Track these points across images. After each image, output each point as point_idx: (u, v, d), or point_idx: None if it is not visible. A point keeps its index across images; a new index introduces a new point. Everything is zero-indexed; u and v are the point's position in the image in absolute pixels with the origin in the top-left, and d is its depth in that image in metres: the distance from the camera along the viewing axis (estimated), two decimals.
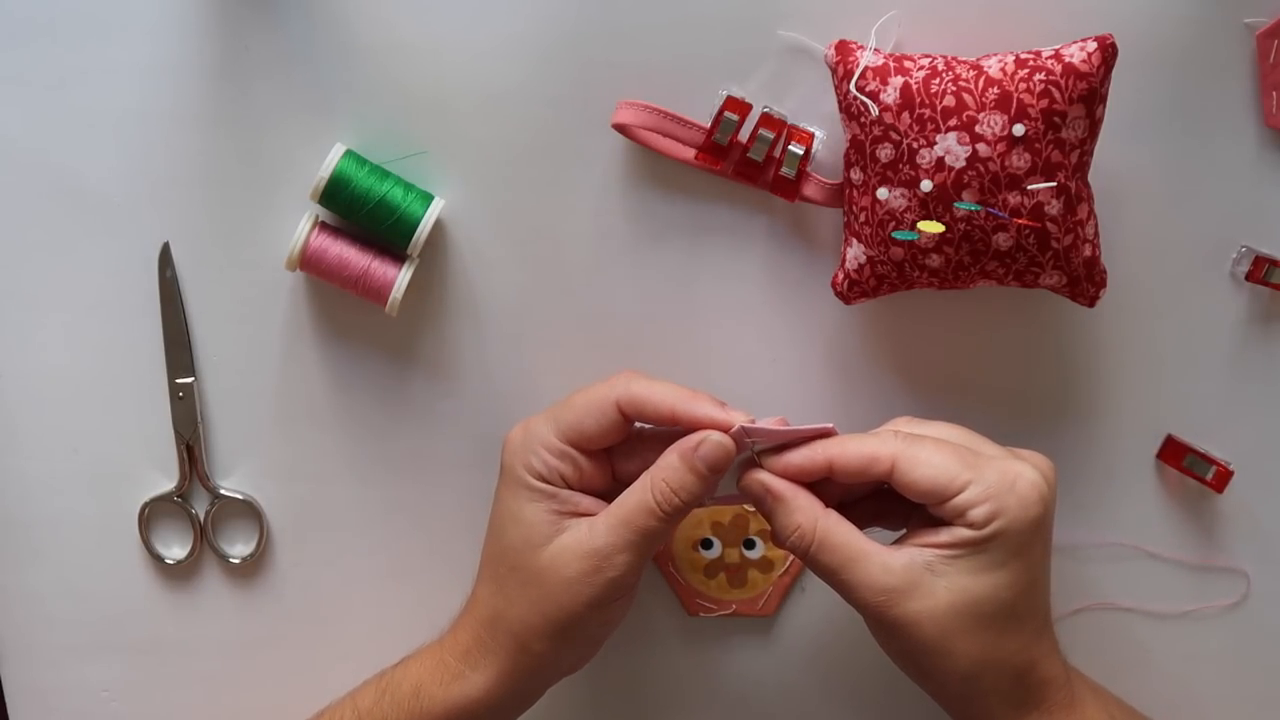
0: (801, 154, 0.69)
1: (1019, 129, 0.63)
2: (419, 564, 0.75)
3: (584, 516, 0.65)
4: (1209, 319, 0.72)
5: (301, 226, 0.70)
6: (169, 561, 0.75)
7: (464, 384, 0.74)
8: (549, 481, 0.65)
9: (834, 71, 0.66)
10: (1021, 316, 0.72)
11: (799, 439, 0.63)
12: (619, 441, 0.66)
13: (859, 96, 0.65)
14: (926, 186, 0.64)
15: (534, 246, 0.72)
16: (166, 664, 0.76)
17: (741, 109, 0.69)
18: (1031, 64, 0.64)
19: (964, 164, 0.64)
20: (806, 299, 0.72)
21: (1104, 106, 0.64)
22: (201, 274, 0.73)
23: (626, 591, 0.65)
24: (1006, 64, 0.64)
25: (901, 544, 0.62)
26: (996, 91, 0.63)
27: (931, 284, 0.67)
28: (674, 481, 0.63)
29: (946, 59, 0.65)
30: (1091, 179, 0.66)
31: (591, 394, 0.65)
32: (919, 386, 0.73)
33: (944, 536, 0.61)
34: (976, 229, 0.64)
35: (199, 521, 0.75)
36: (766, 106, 0.69)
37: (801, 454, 0.63)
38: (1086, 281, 0.67)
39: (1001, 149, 0.63)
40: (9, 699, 0.77)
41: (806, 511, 0.62)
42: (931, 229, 0.64)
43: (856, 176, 0.67)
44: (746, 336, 0.73)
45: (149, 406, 0.74)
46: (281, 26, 0.70)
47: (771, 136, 0.69)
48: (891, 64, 0.65)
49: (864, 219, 0.67)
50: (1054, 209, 0.64)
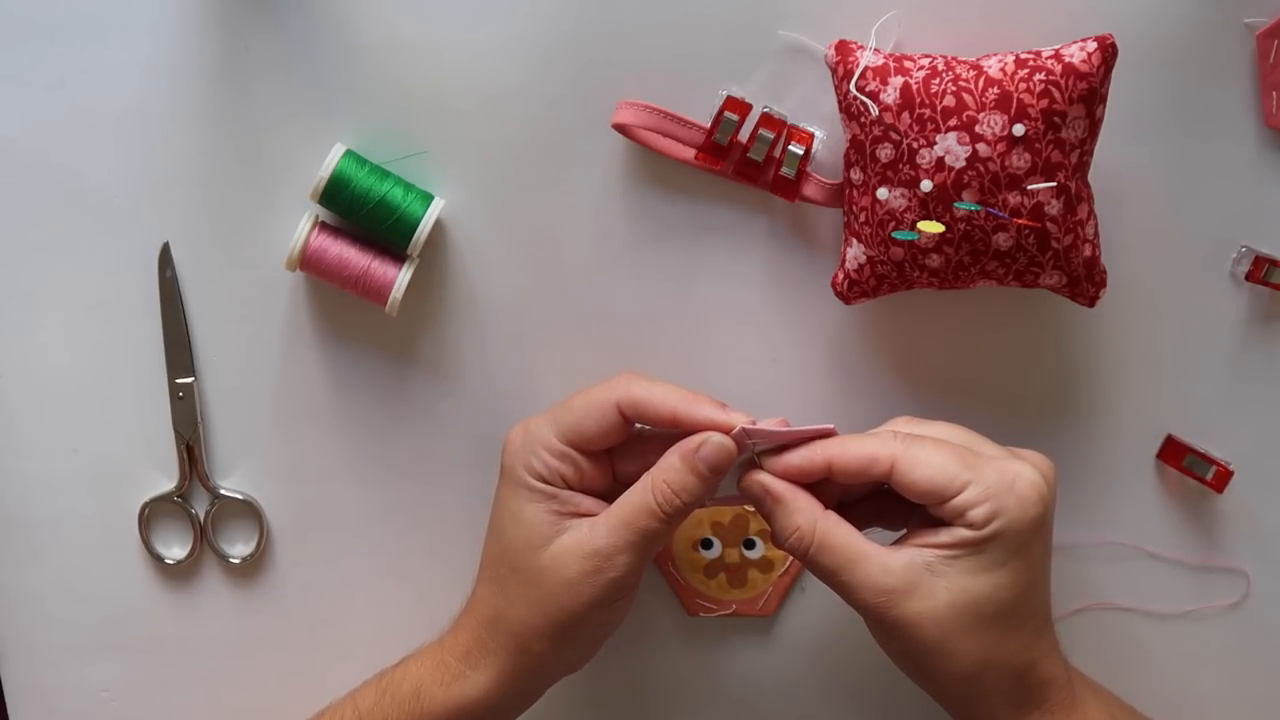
0: (801, 154, 0.69)
1: (1019, 129, 0.63)
2: (419, 564, 0.75)
3: (585, 517, 0.65)
4: (1209, 319, 0.72)
5: (301, 226, 0.70)
6: (169, 561, 0.75)
7: (464, 384, 0.74)
8: (549, 482, 0.65)
9: (834, 71, 0.66)
10: (1021, 316, 0.72)
11: (799, 440, 0.63)
12: (619, 442, 0.66)
13: (859, 96, 0.65)
14: (926, 186, 0.64)
15: (534, 246, 0.72)
16: (166, 664, 0.76)
17: (741, 109, 0.69)
18: (1031, 64, 0.64)
19: (964, 164, 0.64)
20: (806, 299, 0.72)
21: (1104, 106, 0.64)
22: (201, 274, 0.73)
23: (627, 592, 0.65)
24: (1006, 64, 0.64)
25: (901, 544, 0.62)
26: (996, 91, 0.63)
27: (931, 284, 0.67)
28: (675, 483, 0.63)
29: (946, 59, 0.65)
30: (1091, 179, 0.66)
31: (592, 396, 0.65)
32: (919, 386, 0.73)
33: (944, 537, 0.61)
34: (976, 229, 0.64)
35: (199, 521, 0.75)
36: (766, 106, 0.69)
37: (801, 455, 0.63)
38: (1086, 281, 0.67)
39: (1001, 149, 0.63)
40: (9, 699, 0.77)
41: (806, 513, 0.62)
42: (931, 229, 0.64)
43: (856, 176, 0.67)
44: (746, 336, 0.73)
45: (149, 406, 0.74)
46: (281, 26, 0.70)
47: (771, 136, 0.69)
48: (891, 64, 0.65)
49: (864, 219, 0.67)
50: (1054, 209, 0.64)
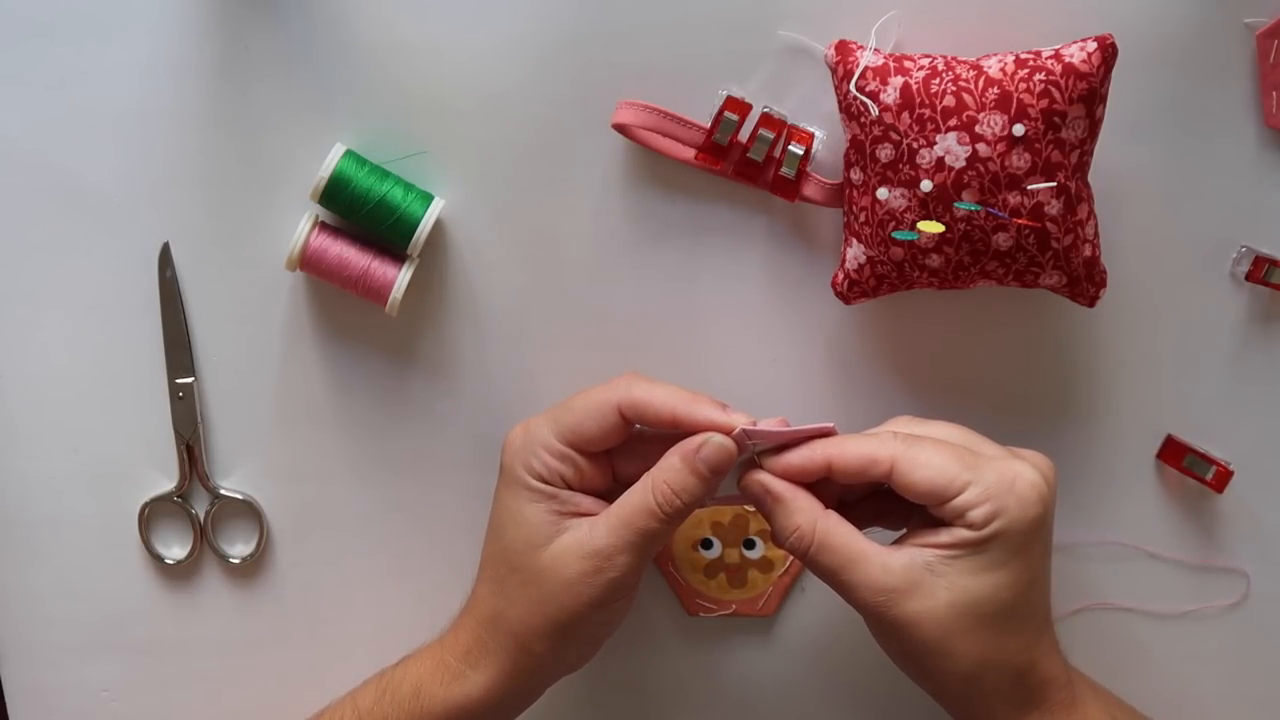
0: (801, 154, 0.69)
1: (1019, 129, 0.63)
2: (419, 564, 0.75)
3: (585, 516, 0.65)
4: (1209, 319, 0.72)
5: (301, 226, 0.70)
6: (169, 561, 0.75)
7: (464, 384, 0.74)
8: (549, 482, 0.65)
9: (834, 71, 0.66)
10: (1021, 316, 0.72)
11: (798, 439, 0.63)
12: (619, 443, 0.66)
13: (859, 96, 0.65)
14: (926, 186, 0.64)
15: (534, 246, 0.72)
16: (166, 664, 0.76)
17: (741, 109, 0.69)
18: (1031, 64, 0.64)
19: (964, 164, 0.64)
20: (806, 299, 0.72)
21: (1104, 106, 0.64)
22: (201, 274, 0.73)
23: (627, 592, 0.65)
24: (1006, 64, 0.64)
25: (901, 544, 0.62)
26: (996, 91, 0.63)
27: (931, 284, 0.67)
28: (675, 483, 0.63)
29: (946, 59, 0.65)
30: (1091, 179, 0.66)
31: (592, 397, 0.65)
32: (919, 386, 0.73)
33: (944, 537, 0.61)
34: (976, 229, 0.64)
35: (199, 521, 0.75)
36: (766, 106, 0.69)
37: (800, 454, 0.63)
38: (1086, 281, 0.67)
39: (1001, 149, 0.63)
40: (9, 699, 0.77)
41: (806, 512, 0.62)
42: (931, 229, 0.64)
43: (856, 176, 0.67)
44: (746, 336, 0.73)
45: (149, 406, 0.74)
46: (281, 26, 0.70)
47: (771, 136, 0.69)
48: (891, 64, 0.65)
49: (864, 219, 0.67)
50: (1054, 209, 0.64)
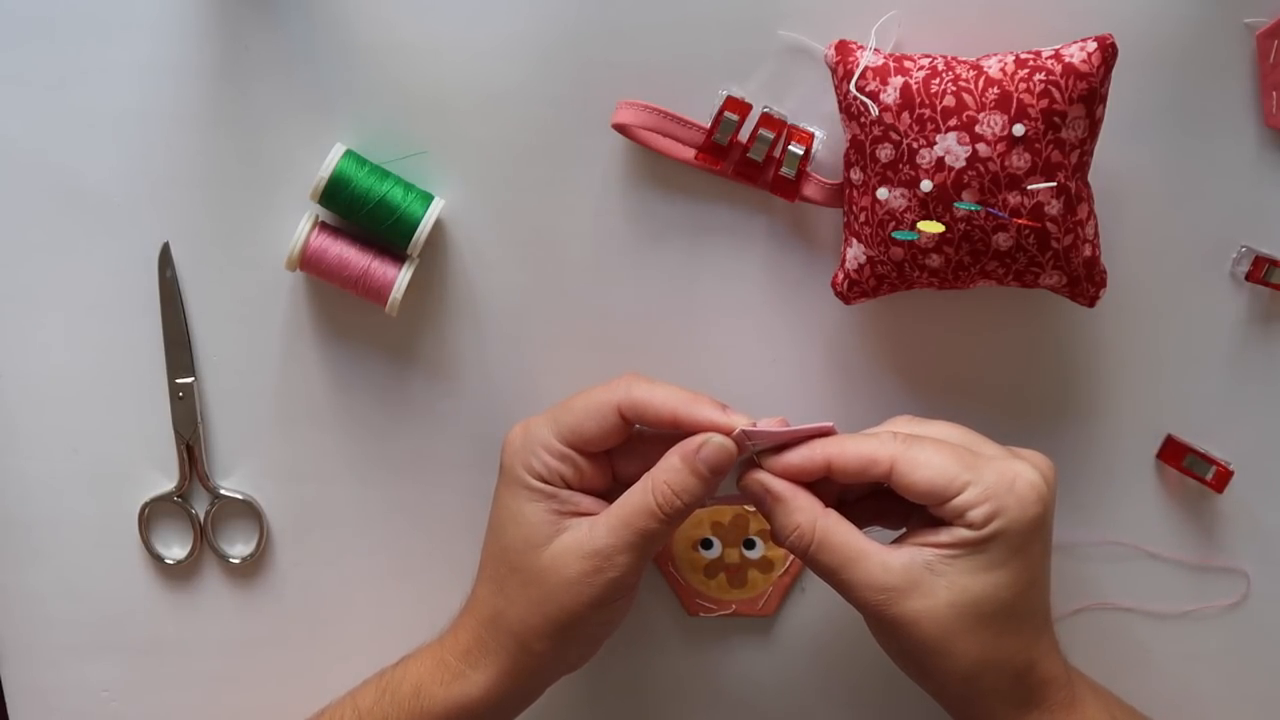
0: (801, 154, 0.69)
1: (1019, 129, 0.63)
2: (419, 564, 0.75)
3: (585, 516, 0.65)
4: (1209, 319, 0.72)
5: (301, 226, 0.70)
6: (169, 561, 0.75)
7: (464, 384, 0.74)
8: (549, 482, 0.65)
9: (834, 71, 0.66)
10: (1021, 316, 0.72)
11: (798, 439, 0.63)
12: (619, 443, 0.66)
13: (859, 96, 0.65)
14: (926, 186, 0.64)
15: (534, 246, 0.72)
16: (166, 664, 0.76)
17: (741, 109, 0.69)
18: (1031, 64, 0.64)
19: (964, 164, 0.64)
20: (806, 299, 0.72)
21: (1104, 106, 0.64)
22: (201, 274, 0.73)
23: (627, 592, 0.65)
24: (1006, 64, 0.64)
25: (901, 543, 0.62)
26: (996, 91, 0.63)
27: (931, 284, 0.67)
28: (675, 484, 0.63)
29: (946, 59, 0.65)
30: (1091, 179, 0.66)
31: (592, 397, 0.65)
32: (919, 386, 0.73)
33: (944, 536, 0.61)
34: (976, 229, 0.64)
35: (199, 521, 0.75)
36: (766, 106, 0.69)
37: (800, 454, 0.63)
38: (1086, 281, 0.67)
39: (1001, 149, 0.63)
40: (9, 699, 0.77)
41: (806, 511, 0.62)
42: (931, 229, 0.64)
43: (856, 176, 0.67)
44: (746, 336, 0.73)
45: (149, 406, 0.74)
46: (281, 26, 0.70)
47: (771, 136, 0.69)
48: (891, 64, 0.65)
49: (864, 219, 0.67)
50: (1054, 209, 0.64)
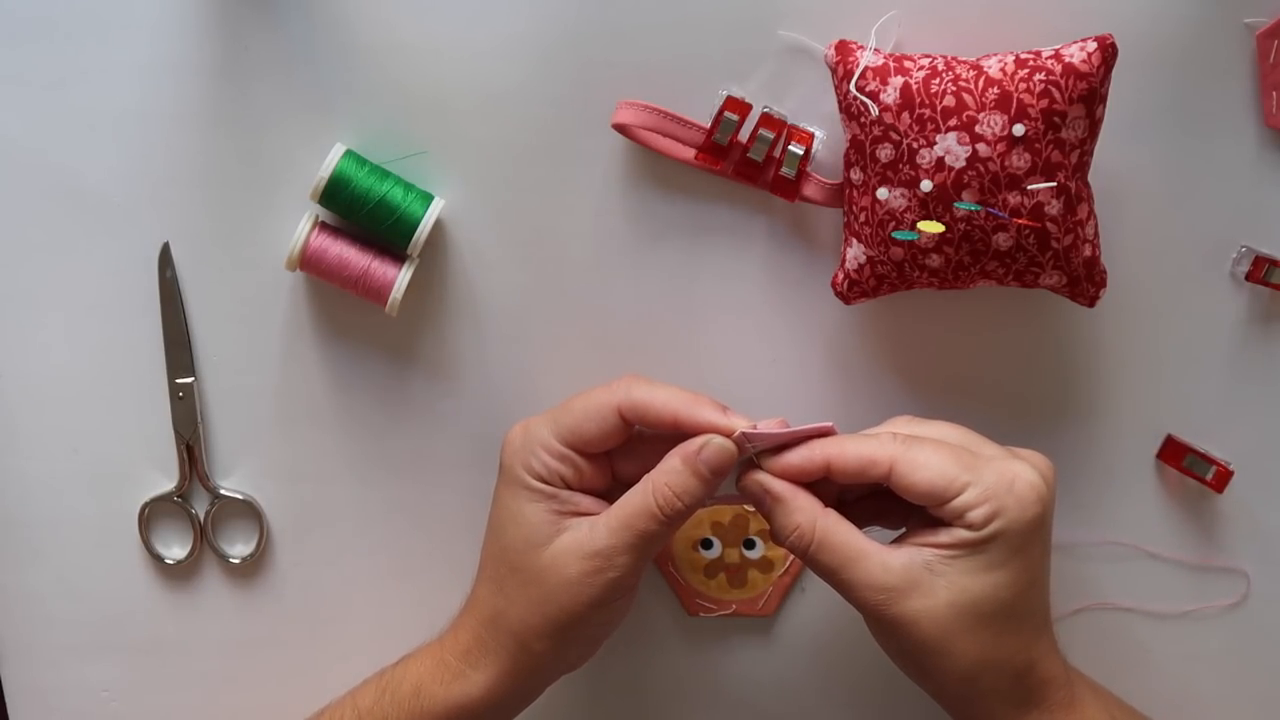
0: (801, 154, 0.69)
1: (1019, 129, 0.63)
2: (419, 564, 0.75)
3: (585, 516, 0.65)
4: (1209, 319, 0.72)
5: (301, 226, 0.70)
6: (169, 561, 0.75)
7: (464, 384, 0.74)
8: (548, 482, 0.65)
9: (834, 71, 0.66)
10: (1021, 316, 0.72)
11: (798, 439, 0.63)
12: (619, 444, 0.66)
13: (859, 96, 0.65)
14: (926, 186, 0.64)
15: (534, 246, 0.72)
16: (166, 664, 0.76)
17: (741, 109, 0.69)
18: (1031, 64, 0.63)
19: (964, 164, 0.64)
20: (806, 299, 0.72)
21: (1104, 106, 0.64)
22: (201, 274, 0.73)
23: (627, 592, 0.65)
24: (1006, 64, 0.64)
25: (901, 543, 0.62)
26: (996, 91, 0.63)
27: (931, 284, 0.67)
28: (676, 485, 0.63)
29: (946, 59, 0.65)
30: (1091, 179, 0.66)
31: (592, 398, 0.65)
32: (919, 386, 0.73)
33: (943, 537, 0.61)
34: (976, 229, 0.64)
35: (199, 521, 0.75)
36: (766, 106, 0.69)
37: (800, 454, 0.63)
38: (1086, 281, 0.67)
39: (1001, 149, 0.63)
40: (9, 699, 0.77)
41: (806, 511, 0.62)
42: (931, 229, 0.64)
43: (856, 176, 0.67)
44: (746, 336, 0.73)
45: (149, 406, 0.74)
46: (281, 26, 0.70)
47: (771, 136, 0.69)
48: (891, 64, 0.65)
49: (864, 219, 0.67)
50: (1054, 209, 0.64)
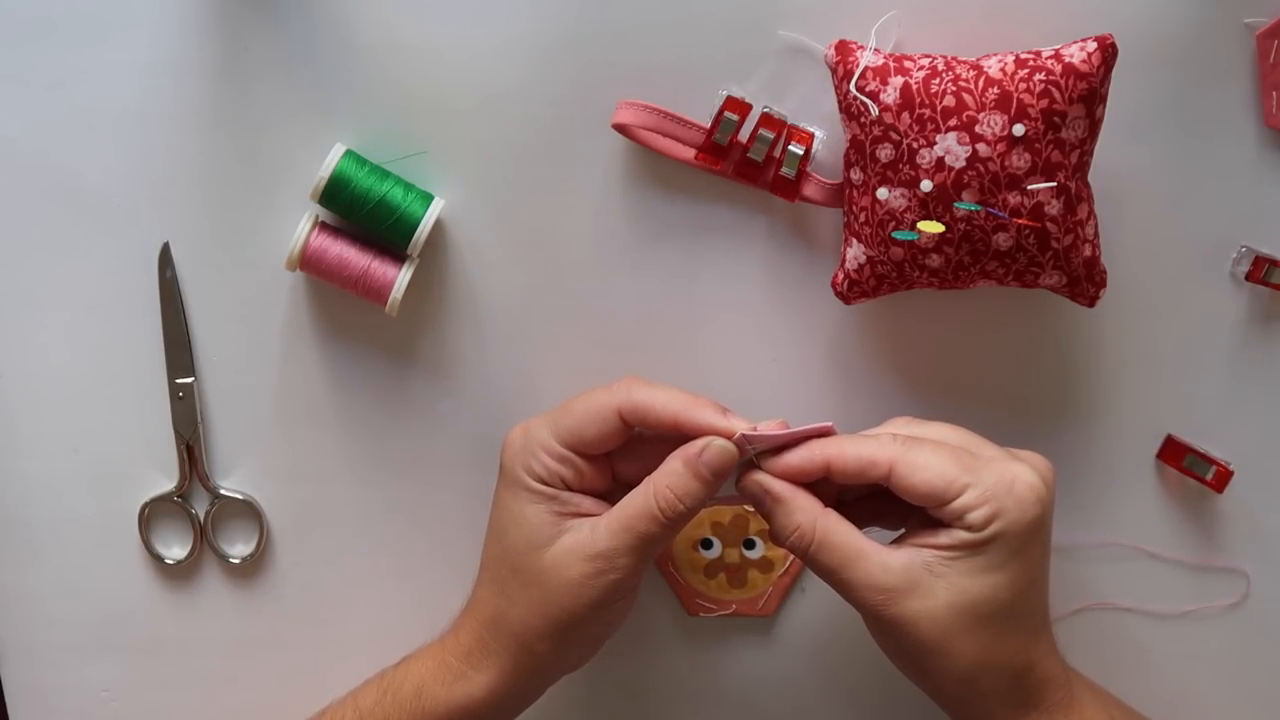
0: (801, 154, 0.69)
1: (1019, 129, 0.63)
2: (419, 564, 0.75)
3: (586, 517, 0.65)
4: (1209, 319, 0.72)
5: (301, 226, 0.70)
6: (169, 561, 0.75)
7: (464, 384, 0.74)
8: (549, 484, 0.65)
9: (834, 71, 0.66)
10: (1021, 316, 0.72)
11: (798, 440, 0.63)
12: (619, 445, 0.66)
13: (859, 96, 0.65)
14: (926, 186, 0.64)
15: (534, 246, 0.72)
16: (166, 664, 0.76)
17: (741, 109, 0.69)
18: (1031, 64, 0.63)
19: (964, 164, 0.64)
20: (806, 299, 0.72)
21: (1104, 106, 0.64)
22: (201, 274, 0.73)
23: (628, 593, 0.65)
24: (1006, 64, 0.64)
25: (900, 544, 0.62)
26: (996, 91, 0.63)
27: (931, 284, 0.67)
28: (677, 487, 0.63)
29: (946, 59, 0.65)
30: (1091, 179, 0.66)
31: (592, 400, 0.65)
32: (919, 386, 0.73)
33: (943, 538, 0.61)
34: (976, 229, 0.64)
35: (199, 521, 0.75)
36: (766, 106, 0.69)
37: (799, 455, 0.63)
38: (1086, 281, 0.67)
39: (1001, 149, 0.63)
40: (9, 699, 0.77)
41: (806, 511, 0.62)
42: (931, 229, 0.64)
43: (856, 176, 0.67)
44: (746, 336, 0.73)
45: (149, 406, 0.74)
46: (281, 26, 0.70)
47: (771, 136, 0.69)
48: (891, 64, 0.65)
49: (864, 219, 0.67)
50: (1054, 209, 0.64)
